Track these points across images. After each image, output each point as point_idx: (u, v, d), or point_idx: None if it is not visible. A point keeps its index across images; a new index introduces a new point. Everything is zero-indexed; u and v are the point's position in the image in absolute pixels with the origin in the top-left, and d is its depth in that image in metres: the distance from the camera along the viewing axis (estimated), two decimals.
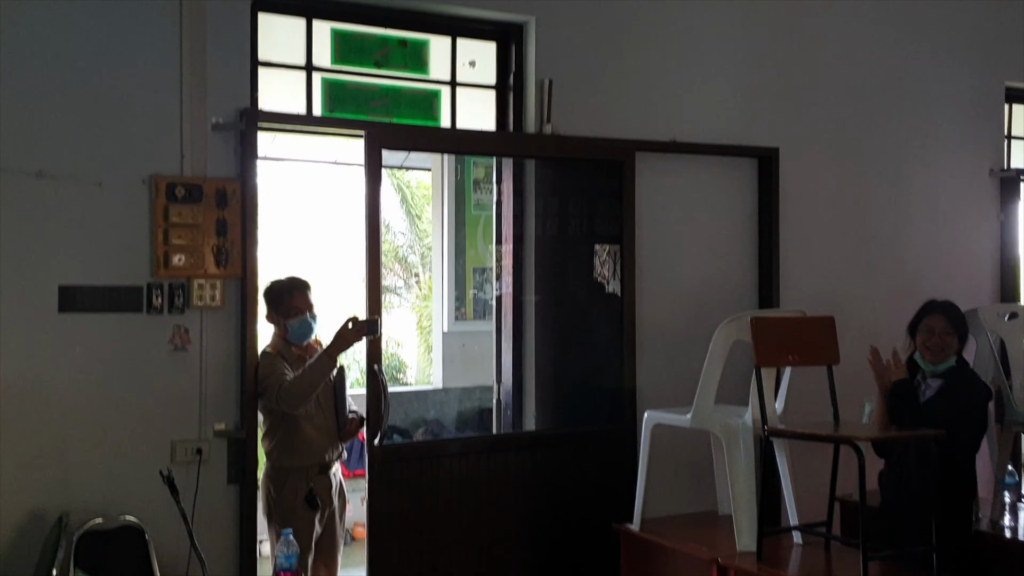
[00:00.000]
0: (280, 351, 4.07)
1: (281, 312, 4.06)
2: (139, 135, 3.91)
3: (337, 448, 4.17)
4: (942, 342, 3.77)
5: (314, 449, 4.05)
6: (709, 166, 5.07)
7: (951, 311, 3.85)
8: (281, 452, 4.02)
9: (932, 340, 3.78)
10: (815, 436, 3.58)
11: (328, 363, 3.97)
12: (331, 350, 3.98)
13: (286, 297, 4.07)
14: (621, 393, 4.82)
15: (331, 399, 4.13)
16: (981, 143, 5.93)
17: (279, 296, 4.09)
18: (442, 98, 4.69)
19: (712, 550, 3.68)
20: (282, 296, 4.08)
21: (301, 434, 4.03)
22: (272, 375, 3.96)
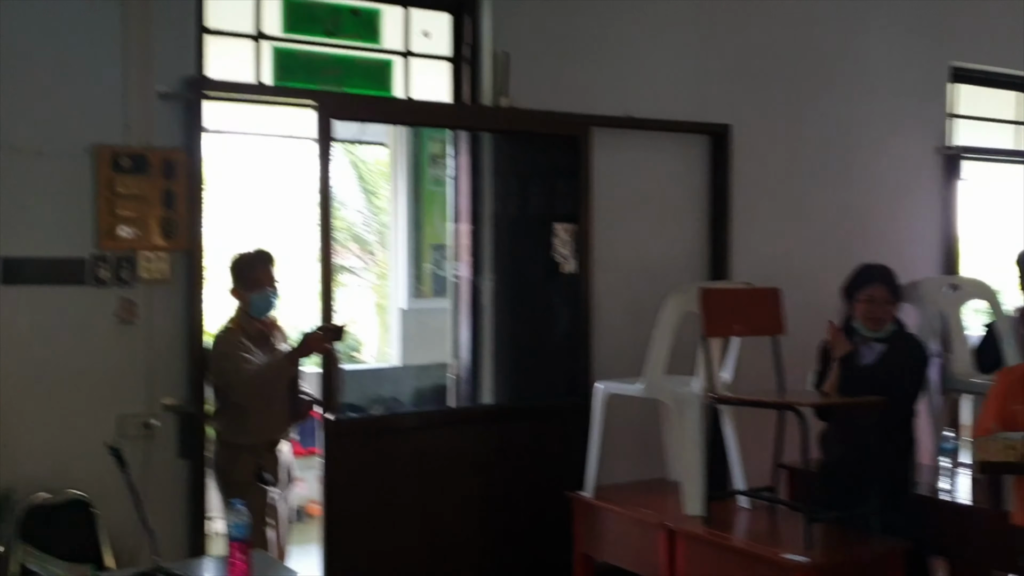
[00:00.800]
0: (242, 325, 3.98)
1: (245, 285, 3.96)
2: (82, 103, 3.84)
3: (287, 428, 4.12)
4: (883, 311, 3.75)
5: (265, 428, 3.98)
6: (663, 142, 5.11)
7: (889, 279, 3.83)
8: (232, 430, 3.95)
9: (873, 310, 3.75)
10: (760, 403, 3.64)
11: (289, 367, 3.94)
12: (295, 354, 3.94)
13: (249, 269, 3.98)
14: (577, 367, 4.85)
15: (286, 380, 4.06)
16: (926, 121, 6.03)
17: (244, 268, 3.99)
18: (395, 69, 4.67)
19: (661, 515, 3.74)
20: (246, 268, 3.98)
21: (253, 413, 3.94)
22: (231, 357, 3.89)
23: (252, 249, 4.05)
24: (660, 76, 5.09)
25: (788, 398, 3.65)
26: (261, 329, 4.03)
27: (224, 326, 3.99)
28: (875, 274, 3.84)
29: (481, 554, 4.54)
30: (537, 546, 4.66)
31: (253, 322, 4.00)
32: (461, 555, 4.50)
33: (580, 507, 4.13)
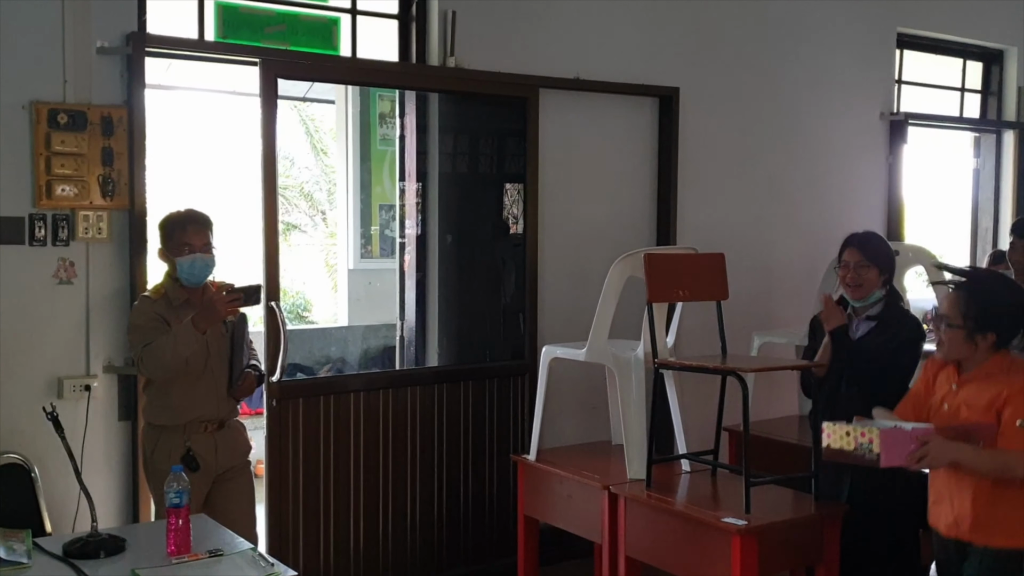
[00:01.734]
0: (168, 292, 3.60)
1: (171, 248, 3.60)
2: (18, 58, 3.72)
3: (227, 405, 3.69)
4: (858, 276, 3.57)
5: (193, 405, 3.58)
6: (611, 104, 5.09)
7: (866, 243, 3.64)
8: (154, 408, 3.60)
9: (848, 274, 3.59)
10: (702, 368, 3.68)
11: (193, 335, 3.45)
12: (198, 320, 3.46)
13: (178, 231, 3.59)
14: (523, 330, 4.87)
15: (224, 350, 3.67)
16: (873, 87, 6.09)
17: (171, 229, 3.62)
18: (342, 26, 4.59)
19: (604, 478, 3.78)
20: (174, 230, 3.61)
21: (175, 389, 3.56)
22: (138, 328, 3.53)
23: (182, 209, 3.70)
24: (609, 38, 5.07)
25: (730, 363, 3.69)
26: (188, 299, 3.61)
27: (143, 294, 3.70)
28: (852, 238, 3.68)
29: (425, 516, 4.57)
30: (482, 508, 4.71)
31: (181, 290, 3.62)
32: (405, 516, 4.52)
33: (524, 470, 4.16)
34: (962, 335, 2.88)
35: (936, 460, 2.82)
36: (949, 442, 2.80)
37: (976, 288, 2.93)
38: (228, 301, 3.50)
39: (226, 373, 3.67)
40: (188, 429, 3.58)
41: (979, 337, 2.87)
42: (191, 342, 3.46)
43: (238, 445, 3.75)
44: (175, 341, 3.44)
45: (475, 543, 4.70)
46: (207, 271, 3.62)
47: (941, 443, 2.79)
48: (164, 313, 3.55)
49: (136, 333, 3.55)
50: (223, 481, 3.68)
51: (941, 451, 2.79)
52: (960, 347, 2.90)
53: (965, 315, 2.87)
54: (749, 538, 3.23)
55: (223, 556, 2.79)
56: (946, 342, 2.92)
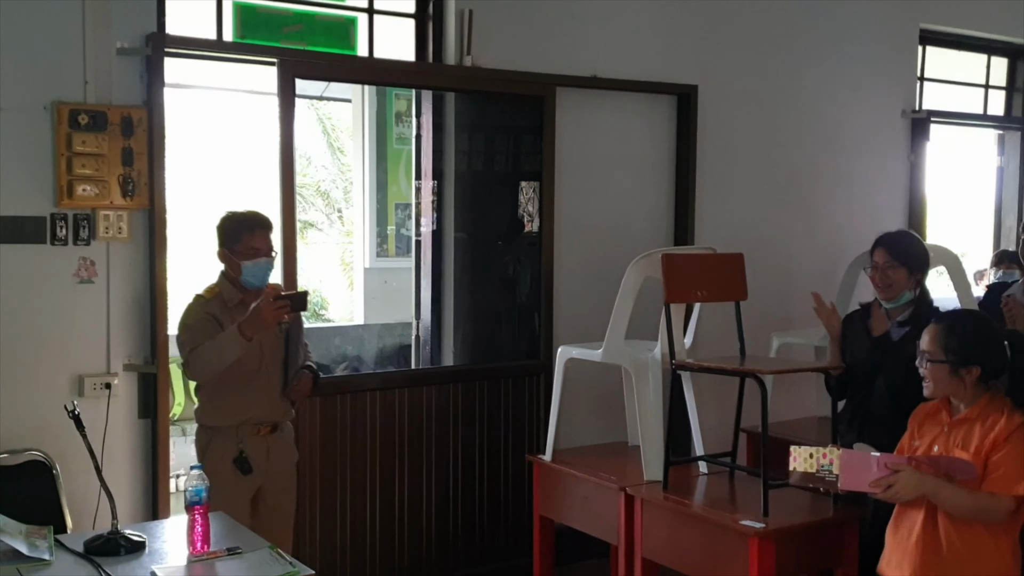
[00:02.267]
0: (223, 292, 3.54)
1: (236, 251, 3.51)
2: (40, 59, 3.75)
3: (281, 406, 3.63)
4: (886, 276, 3.50)
5: (246, 406, 3.52)
6: (629, 102, 5.08)
7: (895, 242, 3.58)
8: (207, 409, 3.57)
9: (877, 275, 3.53)
10: (720, 370, 3.67)
11: (239, 341, 3.39)
12: (245, 327, 3.39)
13: (245, 234, 3.51)
14: (539, 329, 4.86)
15: (279, 349, 3.60)
16: (894, 84, 6.05)
17: (237, 232, 3.53)
18: (359, 26, 4.60)
19: (620, 479, 3.78)
20: (240, 232, 3.52)
21: (230, 390, 3.51)
22: (189, 328, 3.48)
23: (244, 210, 3.63)
24: (627, 36, 5.05)
25: (748, 365, 3.68)
26: (244, 300, 3.54)
27: (196, 294, 3.59)
28: (881, 238, 3.61)
29: (441, 515, 4.58)
30: (497, 508, 4.71)
31: (237, 292, 3.56)
32: (421, 516, 4.53)
33: (539, 470, 4.17)
34: (946, 370, 2.78)
35: (906, 491, 2.71)
36: (922, 474, 2.70)
37: (955, 322, 2.85)
38: (275, 308, 3.40)
39: (280, 374, 3.60)
40: (241, 431, 3.53)
41: (964, 371, 2.76)
42: (236, 349, 3.40)
43: (289, 450, 3.71)
44: (220, 347, 3.40)
45: (491, 543, 4.71)
46: (269, 274, 3.60)
47: (913, 474, 2.70)
48: (217, 314, 3.50)
49: (187, 333, 3.49)
50: (273, 492, 3.61)
51: (912, 482, 2.69)
52: (945, 383, 2.80)
53: (946, 349, 2.78)
54: (767, 541, 3.23)
55: (242, 554, 2.80)
56: (930, 378, 2.82)
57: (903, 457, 2.79)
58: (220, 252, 3.58)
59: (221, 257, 3.58)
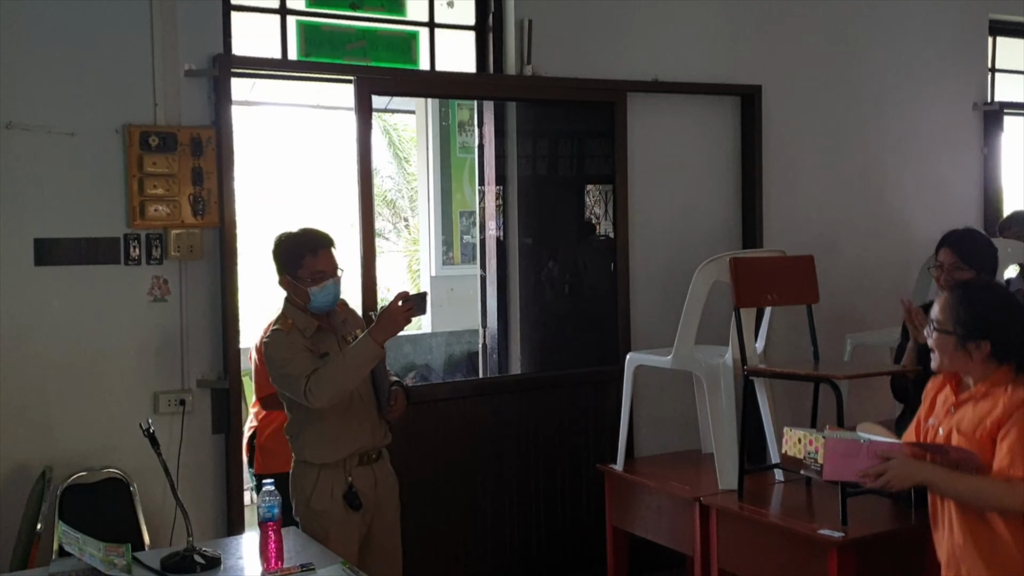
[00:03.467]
0: (296, 323, 3.26)
1: (300, 276, 3.25)
2: (111, 84, 3.84)
3: (381, 430, 3.41)
4: (952, 278, 3.34)
5: (351, 437, 3.30)
6: (692, 105, 5.02)
7: (962, 243, 3.44)
8: (311, 446, 3.29)
9: (943, 276, 3.39)
10: (794, 375, 3.59)
11: (374, 349, 3.14)
12: (377, 333, 3.13)
13: (308, 257, 3.25)
14: (609, 334, 4.83)
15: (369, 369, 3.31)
16: (965, 76, 5.88)
17: (298, 255, 3.26)
18: (420, 40, 4.62)
19: (694, 489, 3.72)
20: (302, 256, 3.25)
21: (333, 422, 3.27)
22: (292, 362, 3.19)
23: (298, 230, 3.36)
24: (686, 38, 5.00)
25: (822, 369, 3.59)
26: (320, 325, 3.32)
27: (272, 328, 3.32)
28: (947, 238, 3.48)
29: (514, 525, 4.57)
30: (572, 518, 4.68)
31: (310, 318, 3.31)
32: (492, 527, 4.52)
33: (611, 480, 4.12)
34: (952, 342, 2.56)
35: (898, 480, 2.50)
36: (916, 461, 2.51)
37: (969, 291, 2.64)
38: (405, 311, 3.18)
39: (373, 395, 3.36)
40: (348, 463, 3.31)
41: (971, 345, 2.54)
42: (370, 358, 3.16)
43: (392, 479, 3.48)
44: (351, 361, 3.15)
45: (565, 554, 4.67)
46: (338, 295, 3.34)
47: (906, 461, 2.50)
48: (304, 343, 3.25)
49: (290, 365, 3.20)
50: (382, 532, 3.42)
51: (905, 470, 2.50)
52: (951, 355, 2.58)
53: (956, 319, 2.56)
54: (847, 551, 3.15)
55: (315, 570, 2.81)
56: (936, 349, 2.61)
57: (896, 443, 2.58)
58: (282, 280, 3.31)
59: (284, 285, 3.32)
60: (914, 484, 2.56)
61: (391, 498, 3.47)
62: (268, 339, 3.30)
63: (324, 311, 3.33)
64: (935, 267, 3.47)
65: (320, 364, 3.20)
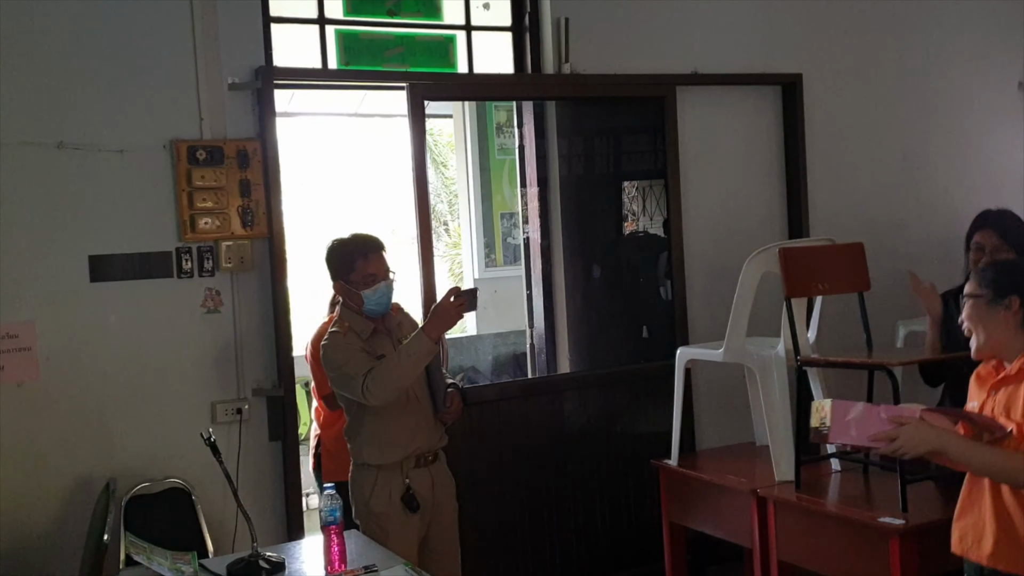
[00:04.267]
0: (353, 326, 3.34)
1: (353, 281, 3.32)
2: (157, 100, 3.91)
3: (437, 432, 3.46)
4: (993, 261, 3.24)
5: (408, 439, 3.35)
6: (732, 96, 4.99)
7: (1004, 223, 3.37)
8: (368, 448, 3.35)
9: (983, 260, 3.29)
10: (848, 363, 3.56)
11: (427, 345, 3.20)
12: (430, 329, 3.21)
13: (360, 261, 3.32)
14: (657, 329, 4.82)
15: (423, 373, 3.37)
16: (1008, 55, 5.78)
17: (349, 260, 3.33)
18: (458, 43, 4.65)
19: (750, 481, 3.70)
20: (354, 260, 3.32)
21: (390, 423, 3.33)
22: (350, 362, 3.26)
23: (349, 235, 3.42)
24: (725, 29, 4.97)
25: (876, 357, 3.56)
26: (376, 327, 3.38)
27: (330, 330, 3.40)
28: (986, 219, 3.42)
29: (571, 523, 4.57)
30: (630, 513, 4.67)
31: (366, 321, 3.37)
32: (550, 524, 4.53)
33: (666, 475, 4.12)
34: (983, 304, 2.47)
35: (910, 444, 2.39)
36: (932, 427, 2.40)
37: (999, 262, 2.61)
38: (457, 306, 3.23)
39: (429, 397, 3.41)
40: (406, 465, 3.36)
41: (1002, 305, 2.45)
42: (424, 354, 3.21)
43: (450, 480, 3.53)
44: (406, 357, 3.21)
45: (624, 549, 4.67)
46: (391, 297, 3.39)
47: (920, 426, 2.39)
48: (361, 345, 3.31)
49: (348, 365, 3.26)
50: (439, 535, 3.46)
51: (919, 435, 2.38)
52: (983, 320, 2.47)
53: (982, 282, 2.50)
54: (909, 538, 3.12)
55: (379, 572, 2.84)
56: (969, 321, 2.52)
57: (915, 408, 2.48)
58: (336, 285, 3.40)
59: (338, 290, 3.41)
60: (928, 451, 2.43)
61: (448, 499, 3.51)
62: (326, 341, 3.36)
63: (378, 314, 3.38)
64: (974, 249, 3.41)
65: (376, 364, 3.25)
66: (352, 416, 3.43)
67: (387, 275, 3.36)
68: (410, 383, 3.28)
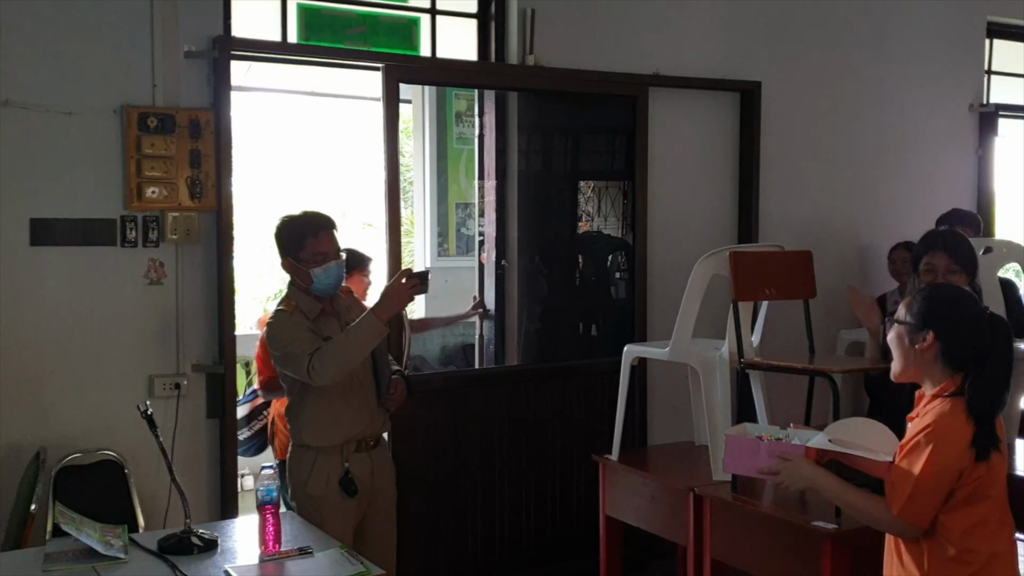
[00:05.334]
0: (300, 306, 3.28)
1: (302, 258, 3.26)
2: (109, 64, 3.82)
3: (380, 418, 3.42)
4: (947, 282, 3.29)
5: (349, 423, 3.32)
6: (691, 100, 5.03)
7: (954, 245, 3.40)
8: (308, 430, 3.31)
9: (936, 280, 3.33)
10: (790, 368, 3.59)
11: (377, 327, 3.17)
12: (380, 311, 3.18)
13: (309, 239, 3.26)
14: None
15: (368, 359, 3.32)
16: (961, 78, 5.92)
17: (299, 238, 3.27)
18: (422, 26, 4.61)
19: (688, 480, 3.72)
20: (304, 238, 3.27)
21: (332, 406, 3.30)
22: (295, 341, 3.21)
23: (299, 213, 3.36)
24: (688, 33, 5.01)
25: (818, 363, 3.60)
26: (324, 308, 3.34)
27: (276, 308, 3.37)
28: (936, 241, 3.43)
29: (511, 513, 4.57)
30: (569, 507, 4.68)
31: (313, 301, 3.32)
32: (488, 515, 4.53)
33: (606, 470, 4.13)
34: (904, 331, 2.45)
35: (791, 480, 2.57)
36: (811, 465, 2.54)
37: (933, 290, 2.54)
38: (408, 288, 3.22)
39: (373, 382, 3.37)
40: (346, 449, 3.32)
41: (919, 337, 2.42)
42: (374, 336, 3.18)
43: (390, 466, 3.51)
44: (354, 339, 3.18)
45: (560, 542, 4.70)
46: (342, 277, 3.36)
47: (800, 464, 2.55)
48: (308, 325, 3.27)
49: (294, 344, 3.21)
50: (375, 521, 3.43)
51: (798, 472, 2.55)
52: (901, 347, 2.46)
53: (908, 310, 2.47)
54: (840, 543, 3.15)
55: (313, 554, 2.81)
56: (889, 342, 2.52)
57: (798, 446, 2.62)
58: (284, 262, 3.33)
59: (287, 267, 3.33)
60: (806, 487, 2.62)
61: (388, 485, 3.49)
62: (272, 319, 3.34)
63: (327, 294, 3.35)
64: (925, 271, 3.43)
65: (324, 345, 3.22)
66: (293, 397, 3.39)
67: (337, 254, 3.32)
68: (357, 364, 3.24)
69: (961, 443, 2.36)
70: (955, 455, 2.35)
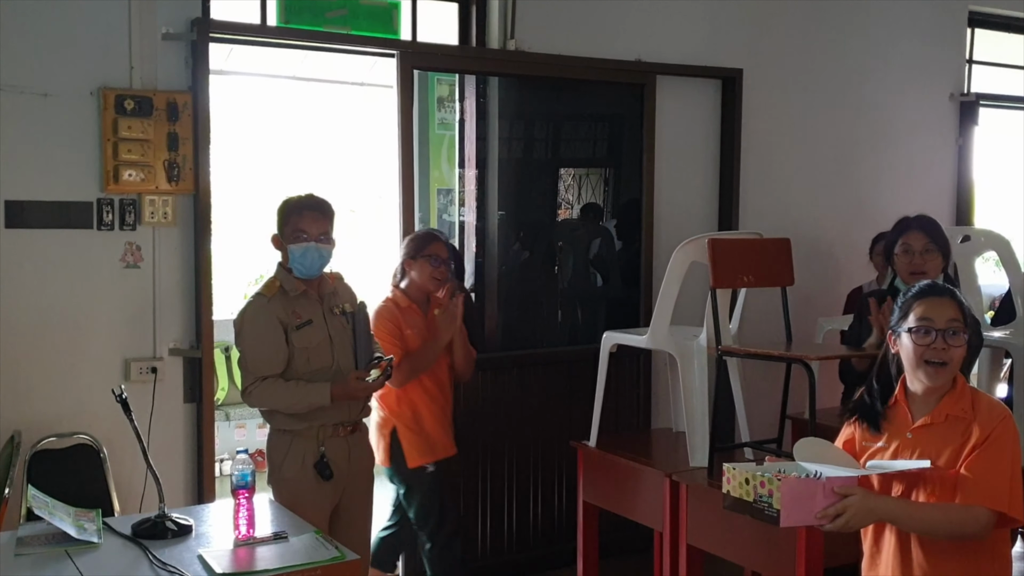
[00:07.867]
0: (283, 284, 3.29)
1: (285, 234, 3.30)
2: (86, 45, 3.78)
3: (358, 404, 3.40)
4: (923, 261, 3.38)
5: (324, 408, 3.28)
6: (672, 87, 5.02)
7: (929, 226, 3.45)
8: (283, 413, 3.30)
9: (913, 260, 3.39)
10: (767, 355, 3.61)
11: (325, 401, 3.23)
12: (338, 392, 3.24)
13: (293, 216, 3.28)
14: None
15: (348, 343, 3.34)
16: (942, 67, 5.93)
17: (287, 214, 3.31)
18: (402, 10, 4.58)
19: (665, 466, 3.74)
20: (290, 215, 3.30)
21: None
22: (257, 349, 3.25)
23: (303, 194, 3.39)
24: (670, 20, 4.99)
25: (795, 350, 3.62)
26: (306, 290, 3.33)
27: (256, 292, 3.37)
28: (911, 222, 3.49)
29: (492, 499, 4.58)
30: (550, 492, 4.70)
31: (297, 280, 3.32)
32: (472, 500, 4.53)
33: (584, 456, 4.14)
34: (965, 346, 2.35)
35: (858, 519, 2.28)
36: (874, 495, 2.33)
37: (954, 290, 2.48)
38: (365, 388, 3.28)
39: (353, 367, 3.33)
40: (322, 433, 3.31)
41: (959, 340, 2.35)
42: (319, 405, 3.24)
43: (368, 452, 3.52)
44: (303, 398, 3.22)
45: (541, 528, 4.72)
46: (321, 262, 3.32)
47: (865, 497, 2.28)
48: (280, 313, 3.26)
49: (254, 352, 3.26)
50: (350, 505, 3.41)
51: (865, 507, 2.27)
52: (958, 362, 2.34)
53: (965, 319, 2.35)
54: (814, 529, 3.16)
55: (288, 539, 2.81)
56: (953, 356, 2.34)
57: (852, 476, 2.33)
58: (273, 237, 3.36)
59: (275, 243, 3.36)
60: (875, 521, 2.39)
61: (364, 471, 3.47)
62: (246, 305, 3.32)
63: (304, 275, 3.32)
64: (902, 252, 3.48)
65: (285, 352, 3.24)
66: None
67: (318, 236, 3.29)
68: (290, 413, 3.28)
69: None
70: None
